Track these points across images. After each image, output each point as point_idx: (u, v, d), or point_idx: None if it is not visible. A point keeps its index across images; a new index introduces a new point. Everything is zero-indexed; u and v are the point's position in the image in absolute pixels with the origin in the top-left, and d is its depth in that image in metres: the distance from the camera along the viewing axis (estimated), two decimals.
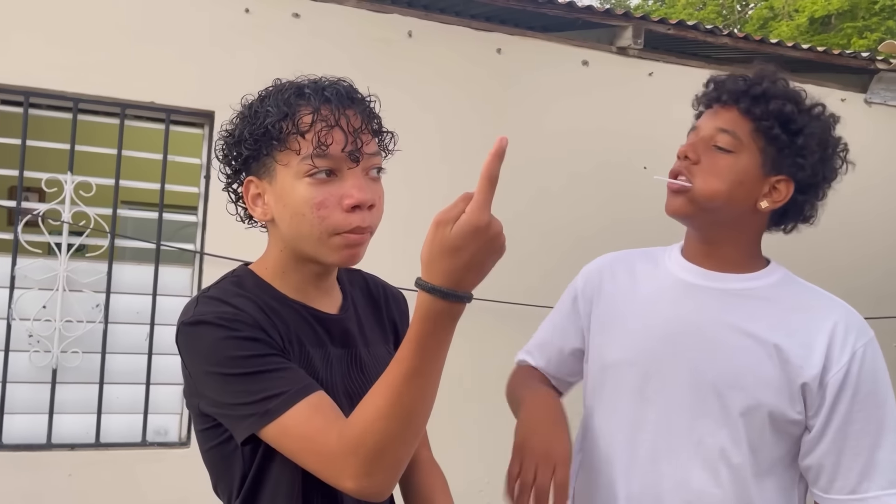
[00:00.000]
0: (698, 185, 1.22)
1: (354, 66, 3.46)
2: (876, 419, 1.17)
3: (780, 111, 1.21)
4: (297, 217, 1.02)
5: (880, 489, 1.16)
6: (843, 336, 1.19)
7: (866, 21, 13.24)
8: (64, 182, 3.08)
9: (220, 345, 0.98)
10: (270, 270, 1.11)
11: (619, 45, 3.97)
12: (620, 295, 1.36)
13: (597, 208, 3.83)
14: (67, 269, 3.07)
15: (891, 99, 4.48)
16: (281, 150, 1.02)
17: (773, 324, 1.21)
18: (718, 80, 1.29)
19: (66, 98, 3.10)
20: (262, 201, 1.06)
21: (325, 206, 1.00)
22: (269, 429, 0.95)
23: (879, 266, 4.19)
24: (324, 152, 0.99)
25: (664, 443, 1.25)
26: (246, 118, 1.06)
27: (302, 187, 1.00)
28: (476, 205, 0.90)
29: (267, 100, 1.05)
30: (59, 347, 3.04)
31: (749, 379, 1.20)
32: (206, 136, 3.31)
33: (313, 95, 1.03)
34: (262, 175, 1.05)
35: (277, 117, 1.01)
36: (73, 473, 3.02)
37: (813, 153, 1.22)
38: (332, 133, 1.00)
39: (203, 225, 3.26)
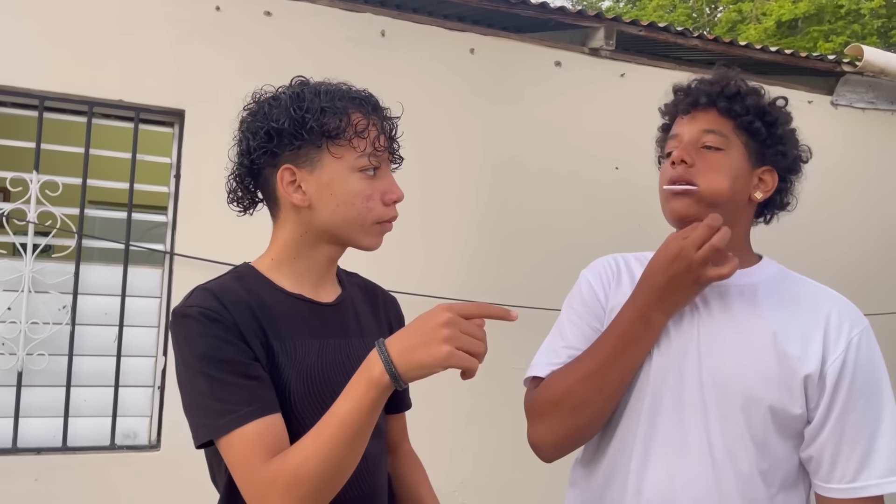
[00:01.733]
0: (703, 184, 1.25)
1: (326, 65, 3.43)
2: (873, 407, 1.20)
3: (757, 106, 1.28)
4: (346, 205, 1.14)
5: (879, 477, 1.19)
6: (838, 325, 1.22)
7: (832, 25, 13.48)
8: (29, 181, 3.02)
9: (196, 341, 1.06)
10: (275, 261, 1.20)
11: (592, 47, 3.99)
12: (621, 297, 1.36)
13: (568, 207, 3.85)
14: (33, 269, 3.01)
15: (856, 101, 4.56)
16: (336, 145, 1.13)
17: (771, 318, 1.24)
18: (691, 86, 1.33)
19: (31, 96, 3.04)
20: (299, 189, 1.15)
21: (372, 198, 1.16)
22: (218, 441, 1.04)
23: (844, 265, 4.27)
24: (378, 153, 1.16)
25: (675, 439, 1.26)
26: (293, 109, 1.14)
27: (355, 180, 1.15)
28: (454, 304, 0.99)
29: (316, 97, 1.15)
30: (25, 350, 2.98)
31: (749, 374, 1.22)
32: (177, 134, 3.27)
33: (362, 102, 1.18)
34: (301, 164, 1.14)
35: (337, 116, 1.13)
36: (39, 478, 2.96)
37: (790, 141, 1.30)
38: (381, 137, 1.17)
39: (173, 225, 3.21)
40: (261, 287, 1.16)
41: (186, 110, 3.20)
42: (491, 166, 3.74)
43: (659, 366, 1.29)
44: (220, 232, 3.19)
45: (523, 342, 3.65)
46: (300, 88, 1.19)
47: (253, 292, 1.14)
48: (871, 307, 4.24)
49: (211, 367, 1.04)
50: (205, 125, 3.20)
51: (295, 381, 1.13)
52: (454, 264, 3.58)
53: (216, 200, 3.19)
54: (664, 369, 1.29)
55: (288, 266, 1.20)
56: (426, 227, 3.54)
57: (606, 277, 1.44)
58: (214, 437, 1.04)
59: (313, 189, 1.14)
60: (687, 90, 1.34)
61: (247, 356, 1.07)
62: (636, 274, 1.41)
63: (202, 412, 1.05)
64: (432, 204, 3.58)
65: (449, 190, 3.62)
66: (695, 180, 1.26)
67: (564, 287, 4.25)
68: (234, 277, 1.17)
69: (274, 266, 1.20)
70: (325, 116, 1.13)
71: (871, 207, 4.58)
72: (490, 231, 3.71)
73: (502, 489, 3.68)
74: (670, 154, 1.31)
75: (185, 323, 1.07)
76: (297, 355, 1.14)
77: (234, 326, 1.07)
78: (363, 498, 1.20)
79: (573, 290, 1.50)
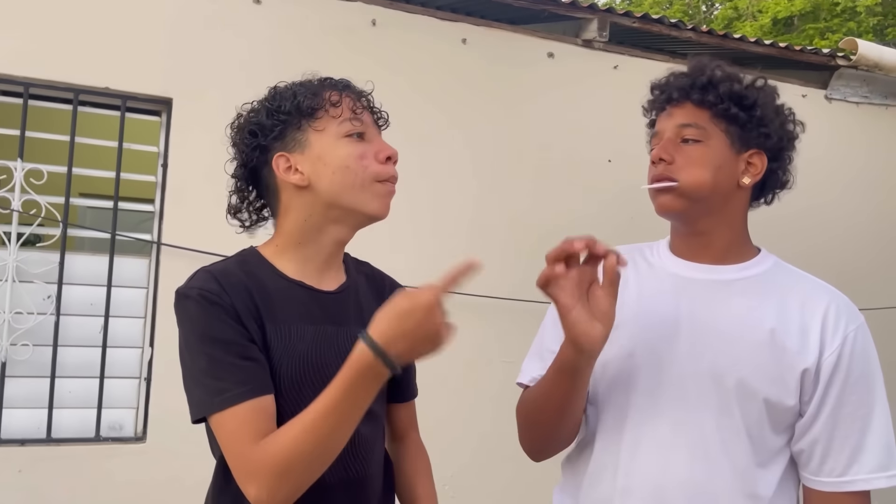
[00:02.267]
0: (683, 178, 1.25)
1: (316, 54, 3.41)
2: (866, 403, 1.20)
3: (731, 92, 1.26)
4: (342, 170, 1.18)
5: (869, 472, 1.19)
6: (836, 319, 1.22)
7: (828, 22, 13.51)
8: (13, 169, 2.98)
9: (195, 321, 1.12)
10: (280, 248, 1.24)
11: (585, 38, 3.96)
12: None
13: (561, 200, 3.83)
14: (17, 259, 2.97)
15: (850, 95, 4.55)
16: (316, 119, 1.19)
17: (767, 313, 1.23)
18: (663, 83, 1.34)
19: (15, 82, 3.00)
20: (295, 171, 1.20)
21: (365, 156, 1.20)
22: (210, 418, 1.10)
23: (836, 258, 4.26)
24: (358, 116, 1.21)
25: (667, 435, 1.24)
26: (268, 104, 1.23)
27: (343, 145, 1.19)
28: (430, 286, 1.02)
29: (289, 89, 1.23)
30: (9, 340, 2.94)
31: (745, 368, 1.21)
32: (164, 123, 3.23)
33: (334, 82, 1.24)
34: (291, 149, 1.20)
35: (309, 96, 1.20)
36: (23, 469, 2.92)
37: (772, 120, 1.28)
38: (357, 104, 1.22)
39: (160, 215, 3.18)
40: (262, 271, 1.21)
41: (174, 99, 3.16)
42: (481, 157, 3.71)
43: (649, 362, 1.28)
44: (208, 222, 3.15)
45: (507, 335, 3.64)
46: (274, 88, 1.26)
47: (253, 276, 1.19)
48: (864, 301, 4.23)
49: (209, 346, 1.10)
50: (193, 114, 3.16)
51: (286, 365, 1.16)
52: (441, 256, 3.55)
53: (203, 190, 3.18)
54: (654, 365, 1.27)
55: (293, 252, 1.23)
56: (413, 219, 3.51)
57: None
58: (207, 413, 1.09)
59: (308, 167, 1.19)
60: (661, 86, 1.34)
61: (243, 338, 1.12)
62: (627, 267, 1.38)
63: (199, 389, 1.11)
64: (419, 195, 3.55)
65: (436, 181, 3.59)
66: (675, 176, 1.26)
67: None
68: (238, 261, 1.23)
69: (278, 252, 1.24)
70: (298, 98, 1.20)
71: (864, 201, 4.57)
72: (479, 223, 3.68)
73: (491, 483, 3.66)
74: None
75: (186, 303, 1.14)
76: (291, 340, 1.18)
77: (231, 308, 1.12)
78: (351, 482, 1.22)
79: None
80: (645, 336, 1.29)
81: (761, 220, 1.55)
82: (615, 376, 1.32)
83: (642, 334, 1.30)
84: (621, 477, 1.27)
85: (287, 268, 1.23)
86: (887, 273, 4.57)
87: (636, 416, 1.27)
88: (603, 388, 1.34)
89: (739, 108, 1.26)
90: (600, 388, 1.34)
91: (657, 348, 1.28)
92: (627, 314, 1.31)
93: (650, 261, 1.38)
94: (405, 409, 1.42)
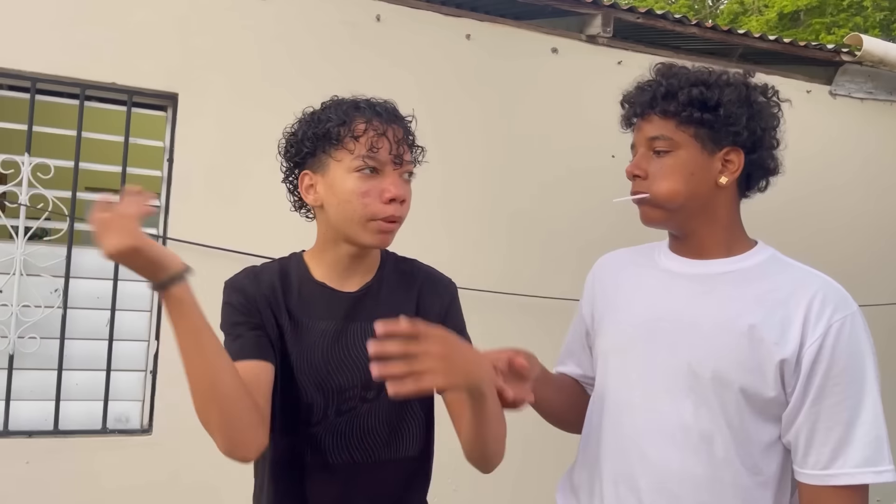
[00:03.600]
0: (654, 191, 1.30)
1: (321, 50, 3.42)
2: (853, 395, 1.16)
3: (691, 98, 1.27)
4: (344, 203, 1.26)
5: (854, 466, 1.16)
6: (820, 309, 1.19)
7: (834, 17, 13.44)
8: (21, 164, 3.00)
9: (224, 305, 1.32)
10: (313, 252, 1.38)
11: (589, 34, 3.97)
12: (611, 290, 1.45)
13: (565, 195, 3.84)
14: (25, 252, 2.99)
15: (855, 91, 4.54)
16: (337, 149, 1.26)
17: (750, 304, 1.23)
18: (627, 99, 1.39)
19: (23, 77, 3.02)
20: (314, 190, 1.31)
21: (368, 195, 1.26)
22: None
23: (840, 254, 4.26)
24: (373, 154, 1.25)
25: (646, 425, 1.28)
26: (308, 122, 1.31)
27: (351, 180, 1.26)
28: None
29: (328, 109, 1.30)
30: (17, 333, 2.97)
31: (721, 359, 1.22)
32: (170, 118, 3.25)
33: (367, 109, 1.29)
34: (316, 169, 1.30)
35: (337, 123, 1.27)
36: (31, 461, 2.95)
37: (740, 116, 1.27)
38: (380, 140, 1.26)
39: (166, 209, 3.20)
40: (296, 271, 1.36)
41: (180, 94, 3.18)
42: (485, 153, 3.72)
43: (635, 354, 1.33)
44: (213, 216, 3.19)
45: (513, 327, 3.66)
46: (324, 105, 1.33)
47: (286, 275, 1.35)
48: (867, 298, 4.24)
49: (225, 323, 1.29)
50: (198, 109, 3.18)
51: (297, 353, 1.30)
52: (447, 251, 3.56)
53: (209, 184, 3.20)
54: (638, 357, 1.32)
55: (319, 257, 1.36)
56: (416, 213, 3.52)
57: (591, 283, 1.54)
58: None
59: (323, 191, 1.29)
60: (628, 101, 1.38)
61: (254, 318, 1.28)
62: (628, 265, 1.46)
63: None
64: (423, 191, 3.57)
65: (440, 176, 3.61)
66: (648, 190, 1.31)
67: (558, 275, 4.26)
68: (281, 262, 1.39)
69: (312, 256, 1.38)
70: (328, 124, 1.27)
71: (868, 197, 4.57)
72: (483, 218, 3.69)
73: (496, 476, 3.68)
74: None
75: (224, 289, 1.33)
76: (304, 331, 1.31)
77: (250, 298, 1.30)
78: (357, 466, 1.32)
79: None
80: (629, 331, 1.35)
81: (763, 215, 1.56)
82: (603, 369, 1.40)
83: (628, 329, 1.36)
84: (606, 465, 1.33)
85: (316, 270, 1.36)
86: (890, 269, 4.57)
87: (619, 407, 1.33)
88: (597, 380, 1.43)
89: (703, 111, 1.26)
90: (597, 380, 1.44)
91: (639, 342, 1.32)
92: (617, 310, 1.40)
93: (652, 258, 1.43)
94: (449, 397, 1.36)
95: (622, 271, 1.46)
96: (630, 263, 1.46)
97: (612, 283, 1.46)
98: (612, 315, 1.41)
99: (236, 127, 3.21)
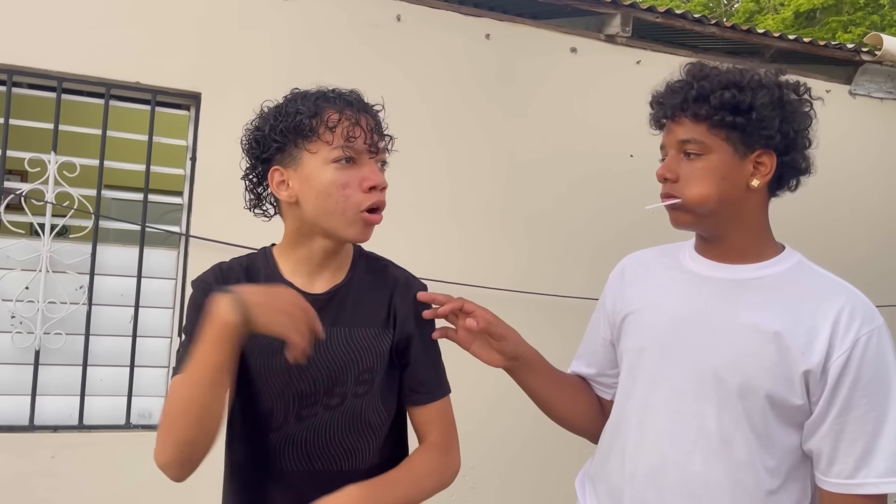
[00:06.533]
0: (686, 195, 1.27)
1: (343, 50, 3.44)
2: (878, 407, 1.18)
3: (723, 101, 1.24)
4: (323, 196, 1.22)
5: (878, 476, 1.17)
6: (848, 322, 1.20)
7: (851, 16, 13.33)
8: (47, 162, 3.04)
9: (188, 303, 1.29)
10: (283, 248, 1.33)
11: (608, 33, 3.97)
12: (638, 290, 1.43)
13: (584, 194, 3.84)
14: (51, 249, 3.04)
15: (875, 91, 4.52)
16: (311, 142, 1.22)
17: (777, 312, 1.23)
18: (657, 100, 1.34)
19: (49, 77, 3.06)
20: (286, 186, 1.25)
21: (348, 186, 1.22)
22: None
23: (859, 253, 4.24)
24: (350, 144, 1.22)
25: (669, 426, 1.29)
26: (274, 117, 1.26)
27: (329, 171, 1.22)
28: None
29: (294, 102, 1.25)
30: (43, 329, 3.02)
31: (748, 365, 1.22)
32: (193, 117, 3.28)
33: (337, 99, 1.25)
34: (287, 164, 1.25)
35: (308, 115, 1.22)
36: (55, 455, 3.00)
37: (773, 119, 1.25)
38: (354, 129, 1.22)
39: (189, 207, 3.23)
40: (264, 269, 1.32)
41: (203, 93, 3.21)
42: (505, 152, 3.73)
43: (658, 356, 1.33)
44: (235, 214, 3.20)
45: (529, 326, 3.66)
46: (286, 97, 1.29)
47: (254, 274, 1.31)
48: (887, 298, 4.23)
49: (187, 325, 1.27)
50: (221, 108, 3.21)
51: (256, 356, 1.25)
52: (464, 250, 3.58)
53: (231, 183, 3.21)
54: (662, 359, 1.32)
55: (289, 254, 1.32)
56: (436, 212, 3.55)
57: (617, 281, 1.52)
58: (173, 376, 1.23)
59: (297, 185, 1.24)
60: (658, 102, 1.34)
61: None
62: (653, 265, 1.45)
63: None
64: (442, 189, 3.59)
65: (461, 175, 3.62)
66: (679, 193, 1.28)
67: (575, 274, 4.26)
68: (249, 258, 1.35)
69: (282, 252, 1.33)
70: (298, 117, 1.23)
71: (888, 197, 4.54)
72: (502, 217, 3.71)
73: (512, 474, 3.70)
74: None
75: (191, 286, 1.32)
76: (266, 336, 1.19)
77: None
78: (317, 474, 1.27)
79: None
80: (656, 332, 1.34)
81: (783, 217, 1.56)
82: (628, 368, 1.40)
83: (654, 330, 1.35)
84: (629, 462, 1.34)
85: (285, 267, 1.31)
86: None
87: (647, 406, 1.33)
88: (621, 379, 1.44)
89: (736, 114, 1.23)
90: (622, 379, 1.44)
91: (666, 343, 1.32)
92: (644, 310, 1.39)
93: (678, 259, 1.42)
94: (418, 413, 1.37)
95: (649, 271, 1.45)
96: (657, 264, 1.45)
97: (640, 283, 1.45)
98: (639, 314, 1.40)
99: None
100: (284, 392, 1.26)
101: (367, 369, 1.29)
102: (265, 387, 1.26)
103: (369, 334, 1.30)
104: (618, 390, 1.45)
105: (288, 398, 1.26)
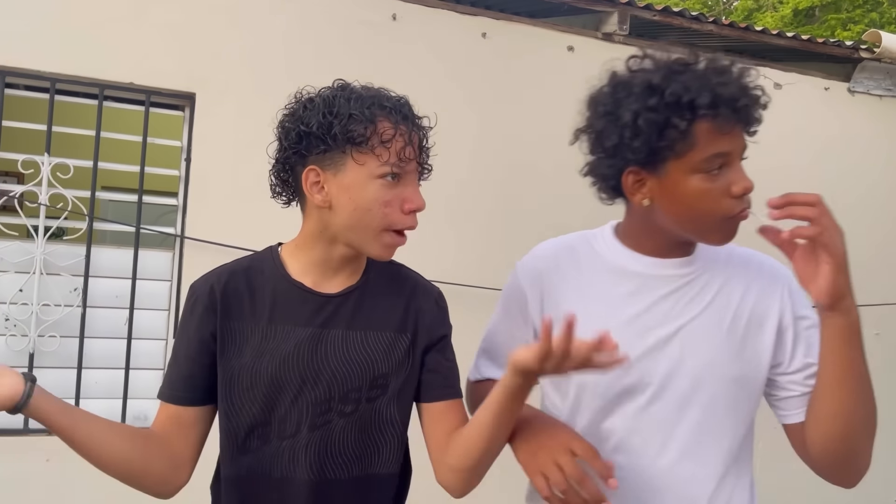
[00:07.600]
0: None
1: (338, 50, 3.42)
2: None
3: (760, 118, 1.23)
4: (362, 210, 1.17)
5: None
6: (790, 297, 1.29)
7: (850, 13, 13.32)
8: (41, 164, 3.03)
9: (183, 310, 1.27)
10: (297, 247, 1.27)
11: (605, 31, 3.95)
12: (572, 290, 1.35)
13: (580, 192, 3.81)
14: (45, 252, 3.02)
15: (874, 88, 4.50)
16: (360, 152, 1.15)
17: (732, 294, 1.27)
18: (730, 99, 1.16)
19: (42, 78, 3.04)
20: (322, 189, 1.19)
21: (390, 205, 1.18)
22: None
23: (858, 251, 4.23)
24: (402, 164, 1.18)
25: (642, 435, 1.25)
26: (323, 113, 1.16)
27: (374, 187, 1.16)
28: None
29: (347, 103, 1.17)
30: (37, 331, 3.00)
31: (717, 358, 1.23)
32: (187, 118, 3.27)
33: (393, 111, 1.18)
34: (326, 167, 1.18)
35: (363, 124, 1.15)
36: (51, 458, 2.98)
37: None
38: (407, 149, 1.18)
39: (184, 208, 3.21)
40: (269, 271, 1.26)
41: (197, 93, 3.19)
42: (502, 152, 3.72)
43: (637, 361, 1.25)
44: (231, 215, 3.20)
45: None
46: (335, 93, 1.20)
47: (259, 276, 1.25)
48: (888, 296, 4.21)
49: (178, 335, 1.25)
50: (215, 108, 3.20)
51: (267, 363, 1.20)
52: (460, 249, 3.56)
53: (226, 184, 3.21)
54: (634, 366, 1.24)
55: (304, 254, 1.26)
56: (431, 211, 3.52)
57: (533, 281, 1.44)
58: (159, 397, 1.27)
59: (335, 191, 1.18)
60: (730, 101, 1.15)
61: (202, 337, 1.22)
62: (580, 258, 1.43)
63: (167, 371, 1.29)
64: (440, 189, 3.56)
65: (458, 175, 3.60)
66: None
67: None
68: (252, 259, 1.29)
69: (295, 250, 1.27)
70: (352, 123, 1.15)
71: (887, 195, 4.52)
72: (500, 216, 3.69)
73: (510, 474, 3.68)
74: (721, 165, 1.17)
75: (188, 294, 1.26)
76: (277, 339, 1.21)
77: (209, 306, 1.22)
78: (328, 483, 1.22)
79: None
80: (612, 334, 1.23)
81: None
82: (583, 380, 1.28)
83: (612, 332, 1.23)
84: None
85: (295, 266, 1.26)
86: None
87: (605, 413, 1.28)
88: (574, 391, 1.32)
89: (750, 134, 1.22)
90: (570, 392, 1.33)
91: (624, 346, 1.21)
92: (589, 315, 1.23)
93: (598, 251, 1.40)
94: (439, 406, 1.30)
95: (576, 268, 1.39)
96: (582, 258, 1.40)
97: (570, 283, 1.37)
98: (582, 321, 1.16)
99: (253, 126, 3.21)
100: (298, 399, 1.21)
101: (382, 374, 1.25)
102: (278, 394, 1.21)
103: (385, 338, 1.26)
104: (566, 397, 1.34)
105: (302, 406, 1.21)
